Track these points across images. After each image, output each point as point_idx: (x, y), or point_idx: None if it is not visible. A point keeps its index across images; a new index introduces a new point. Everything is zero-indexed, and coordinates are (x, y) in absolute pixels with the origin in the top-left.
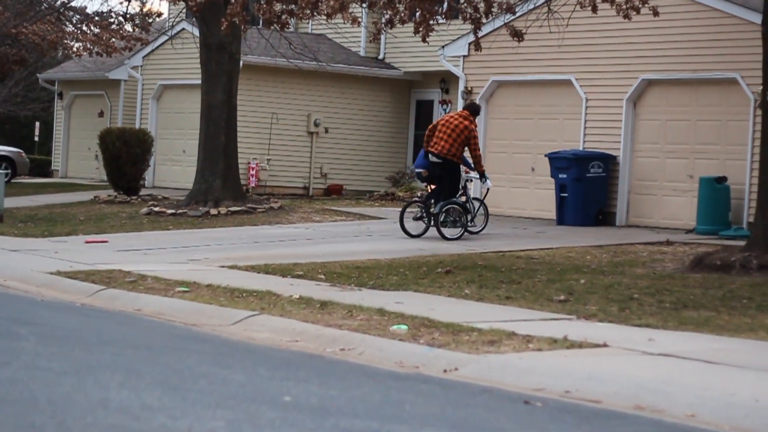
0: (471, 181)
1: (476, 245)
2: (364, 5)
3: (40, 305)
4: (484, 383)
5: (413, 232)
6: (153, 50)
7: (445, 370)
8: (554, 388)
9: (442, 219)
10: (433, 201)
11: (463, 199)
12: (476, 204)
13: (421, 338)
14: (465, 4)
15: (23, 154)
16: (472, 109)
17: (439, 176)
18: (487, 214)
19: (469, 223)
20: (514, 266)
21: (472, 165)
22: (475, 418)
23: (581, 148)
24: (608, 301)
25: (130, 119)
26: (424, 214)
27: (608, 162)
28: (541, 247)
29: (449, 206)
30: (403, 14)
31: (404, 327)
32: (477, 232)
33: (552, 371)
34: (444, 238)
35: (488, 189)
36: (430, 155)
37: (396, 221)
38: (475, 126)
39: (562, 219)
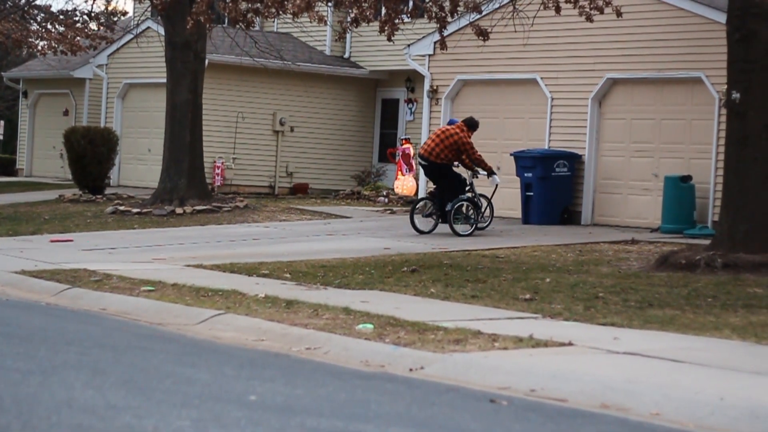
0: (477, 176)
1: (443, 243)
2: (329, 4)
3: (5, 304)
4: (449, 382)
5: (423, 229)
6: (118, 49)
7: (410, 369)
8: (520, 387)
9: (453, 216)
10: (435, 199)
11: (470, 195)
12: (483, 201)
13: (386, 337)
14: (430, 3)
15: None
16: (469, 123)
17: (435, 177)
18: (492, 211)
19: (480, 219)
20: (479, 265)
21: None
22: (441, 417)
23: (547, 147)
24: (574, 300)
25: (95, 118)
26: (434, 211)
27: (573, 161)
28: (507, 246)
29: (459, 203)
30: (368, 13)
31: (370, 326)
32: (484, 228)
33: (517, 370)
34: (456, 234)
35: (496, 185)
36: (419, 158)
37: (362, 219)
38: (469, 137)
39: (527, 218)
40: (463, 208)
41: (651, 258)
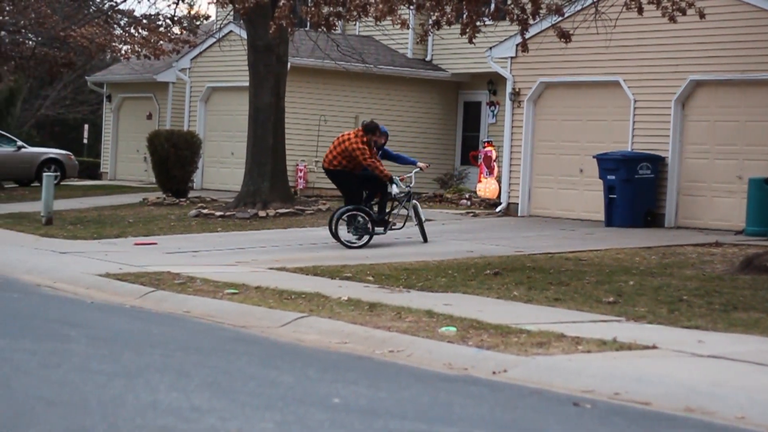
0: (393, 183)
1: (526, 246)
2: (411, 7)
3: (90, 307)
4: (533, 385)
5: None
6: (201, 53)
7: (493, 372)
8: (603, 390)
9: (336, 225)
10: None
11: (375, 201)
12: (403, 206)
13: (469, 340)
14: (512, 5)
15: (72, 157)
16: (365, 127)
17: (337, 184)
18: (417, 216)
19: (384, 227)
20: (562, 268)
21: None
22: (524, 420)
23: (629, 150)
24: (657, 303)
25: (178, 121)
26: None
27: (657, 163)
28: (590, 249)
29: (350, 213)
30: (449, 16)
31: (453, 329)
32: (398, 228)
33: (601, 373)
34: (341, 243)
35: (396, 192)
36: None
37: (444, 222)
38: (363, 141)
39: (610, 220)
40: (353, 218)
41: (735, 261)
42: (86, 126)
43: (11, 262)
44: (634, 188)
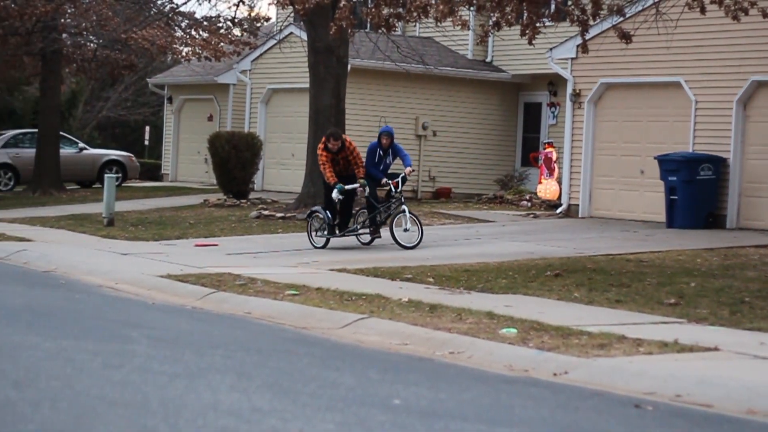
0: (362, 187)
1: (586, 248)
2: (471, 8)
3: (151, 308)
4: (594, 387)
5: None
6: (261, 54)
7: (554, 374)
8: (665, 392)
9: (309, 225)
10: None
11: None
12: (362, 213)
13: (530, 341)
14: (572, 6)
15: (133, 158)
16: (327, 133)
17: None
18: (373, 224)
19: (338, 232)
20: (623, 269)
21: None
22: (585, 422)
23: (691, 151)
24: (719, 305)
25: (239, 123)
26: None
27: (718, 164)
28: (651, 250)
29: (314, 213)
30: (510, 17)
31: (513, 330)
32: (365, 243)
33: (662, 375)
34: (312, 244)
35: (335, 197)
36: None
37: (504, 224)
38: (322, 148)
39: (671, 222)
40: (316, 219)
41: None
42: (147, 128)
43: (73, 263)
44: (696, 189)
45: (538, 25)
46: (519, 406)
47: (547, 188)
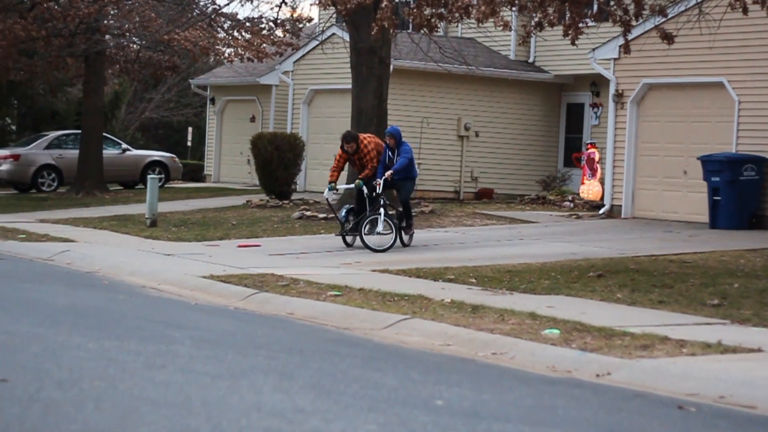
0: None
1: (629, 248)
2: (513, 9)
3: (194, 309)
4: (636, 388)
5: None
6: (303, 55)
7: (597, 375)
8: (708, 394)
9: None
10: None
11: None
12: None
13: (573, 342)
14: (614, 7)
15: (176, 159)
16: (341, 137)
17: None
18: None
19: (355, 232)
20: (666, 270)
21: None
22: (629, 423)
23: (734, 151)
24: (763, 306)
25: (281, 124)
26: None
27: (762, 165)
28: (694, 251)
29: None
30: (552, 17)
31: (556, 331)
32: (349, 243)
33: (706, 376)
34: (345, 242)
35: (325, 196)
36: None
37: (547, 225)
38: (341, 149)
39: (714, 222)
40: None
41: None
42: (190, 129)
43: (117, 264)
44: (739, 190)
45: (580, 25)
46: (562, 407)
47: (589, 189)
